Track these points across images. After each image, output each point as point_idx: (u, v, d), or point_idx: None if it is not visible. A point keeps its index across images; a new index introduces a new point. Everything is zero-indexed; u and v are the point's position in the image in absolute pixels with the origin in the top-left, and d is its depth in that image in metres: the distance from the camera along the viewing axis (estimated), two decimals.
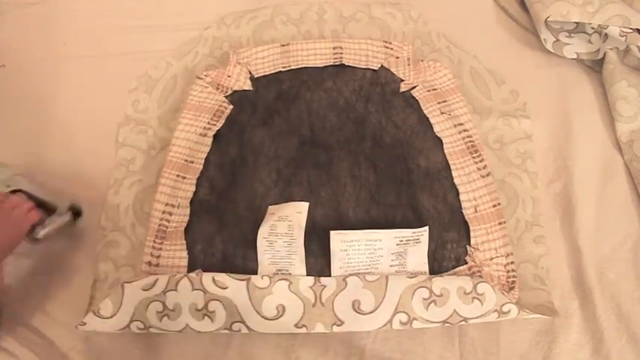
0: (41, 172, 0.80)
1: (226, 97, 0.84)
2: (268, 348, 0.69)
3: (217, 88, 0.85)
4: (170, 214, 0.75)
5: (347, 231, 0.70)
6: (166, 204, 0.75)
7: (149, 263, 0.72)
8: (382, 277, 0.67)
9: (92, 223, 0.78)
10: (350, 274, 0.68)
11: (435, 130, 0.82)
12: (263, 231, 0.70)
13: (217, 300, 0.65)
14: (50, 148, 0.84)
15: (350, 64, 0.88)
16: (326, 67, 0.88)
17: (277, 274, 0.69)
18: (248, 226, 0.72)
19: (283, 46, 0.89)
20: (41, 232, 0.72)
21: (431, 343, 0.69)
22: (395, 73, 0.87)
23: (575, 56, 0.90)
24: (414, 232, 0.71)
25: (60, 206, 0.75)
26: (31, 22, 0.97)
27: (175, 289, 0.65)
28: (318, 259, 0.70)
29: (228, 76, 0.87)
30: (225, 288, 0.65)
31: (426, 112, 0.84)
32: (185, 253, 0.72)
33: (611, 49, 0.86)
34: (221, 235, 0.73)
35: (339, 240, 0.69)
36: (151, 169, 0.81)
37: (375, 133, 0.82)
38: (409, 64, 0.88)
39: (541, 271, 0.74)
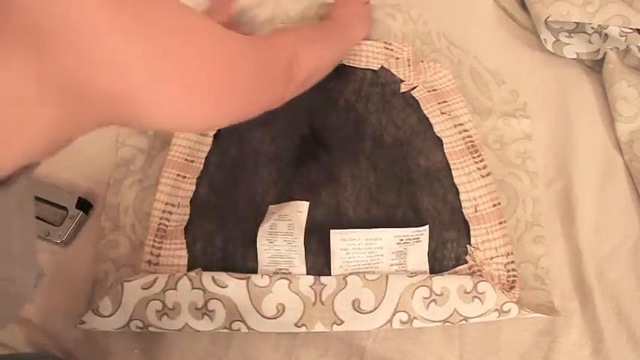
0: (40, 172, 0.80)
1: None
2: (268, 348, 0.69)
3: None
4: (170, 213, 0.75)
5: (347, 229, 0.70)
6: (166, 203, 0.75)
7: (149, 262, 0.71)
8: (382, 276, 0.67)
9: (92, 223, 0.78)
10: (350, 273, 0.68)
11: (435, 130, 0.82)
12: (263, 230, 0.70)
13: (217, 299, 0.65)
14: None
15: (350, 65, 0.88)
16: None
17: (277, 273, 0.69)
18: (248, 226, 0.72)
19: None
20: (63, 236, 0.75)
21: (431, 343, 0.69)
22: (395, 73, 0.87)
23: (575, 56, 0.90)
24: (414, 231, 0.71)
25: (69, 207, 0.76)
26: None
27: (175, 288, 0.65)
28: (318, 258, 0.70)
29: None
30: (224, 287, 0.65)
31: (426, 112, 0.84)
32: (185, 252, 0.72)
33: (611, 49, 0.86)
34: (221, 234, 0.73)
35: (339, 239, 0.69)
36: (151, 169, 0.81)
37: (375, 132, 0.82)
38: (409, 65, 0.88)
39: (541, 271, 0.74)
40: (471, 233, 0.74)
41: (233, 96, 0.46)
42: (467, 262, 0.72)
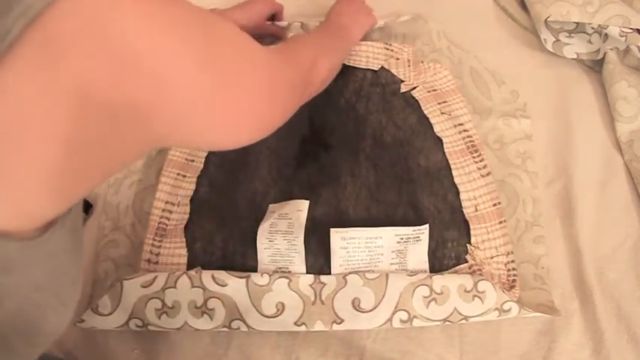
0: None
1: None
2: (268, 348, 0.69)
3: None
4: (170, 212, 0.75)
5: (347, 228, 0.70)
6: (166, 202, 0.75)
7: (148, 261, 0.71)
8: (382, 275, 0.67)
9: (92, 223, 0.77)
10: (350, 272, 0.67)
11: (435, 130, 0.82)
12: (263, 229, 0.70)
13: (216, 297, 0.65)
14: None
15: (350, 65, 0.88)
16: None
17: (277, 271, 0.69)
18: (248, 224, 0.72)
19: None
20: None
21: (431, 343, 0.69)
22: (395, 74, 0.87)
23: (575, 56, 0.90)
24: (414, 230, 0.71)
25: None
26: None
27: (174, 287, 0.65)
28: (318, 257, 0.70)
29: None
30: (224, 285, 0.65)
31: (426, 112, 0.84)
32: (185, 251, 0.72)
33: (611, 49, 0.86)
34: (221, 233, 0.73)
35: (339, 237, 0.69)
36: (151, 168, 0.81)
37: (376, 132, 0.82)
38: (409, 66, 0.88)
39: (541, 271, 0.74)
40: (471, 232, 0.74)
41: (274, 111, 0.49)
42: (467, 262, 0.72)
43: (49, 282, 0.36)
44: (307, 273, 0.69)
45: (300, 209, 0.71)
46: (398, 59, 0.89)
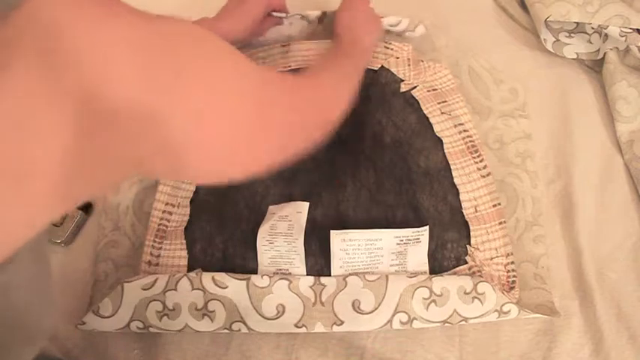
0: None
1: None
2: (268, 348, 0.69)
3: None
4: (170, 213, 0.75)
5: (347, 230, 0.70)
6: (166, 203, 0.75)
7: (149, 262, 0.72)
8: (382, 276, 0.67)
9: (92, 223, 0.78)
10: (350, 274, 0.68)
11: (435, 130, 0.82)
12: (263, 230, 0.70)
13: (217, 299, 0.65)
14: None
15: None
16: None
17: (277, 273, 0.69)
18: (248, 226, 0.72)
19: (283, 46, 0.89)
20: (63, 237, 0.74)
21: (431, 343, 0.69)
22: (395, 73, 0.87)
23: (575, 56, 0.90)
24: (414, 232, 0.71)
25: None
26: None
27: (175, 289, 0.65)
28: (318, 259, 0.70)
29: None
30: (224, 287, 0.65)
31: (426, 112, 0.83)
32: (185, 253, 0.72)
33: (611, 49, 0.86)
34: (221, 235, 0.73)
35: (339, 239, 0.69)
36: None
37: (375, 133, 0.81)
38: (409, 65, 0.88)
39: (541, 270, 0.74)
40: (471, 234, 0.74)
41: (266, 144, 0.45)
42: (467, 263, 0.72)
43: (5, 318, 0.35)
44: (307, 275, 0.69)
45: (299, 211, 0.71)
46: (398, 58, 0.88)
